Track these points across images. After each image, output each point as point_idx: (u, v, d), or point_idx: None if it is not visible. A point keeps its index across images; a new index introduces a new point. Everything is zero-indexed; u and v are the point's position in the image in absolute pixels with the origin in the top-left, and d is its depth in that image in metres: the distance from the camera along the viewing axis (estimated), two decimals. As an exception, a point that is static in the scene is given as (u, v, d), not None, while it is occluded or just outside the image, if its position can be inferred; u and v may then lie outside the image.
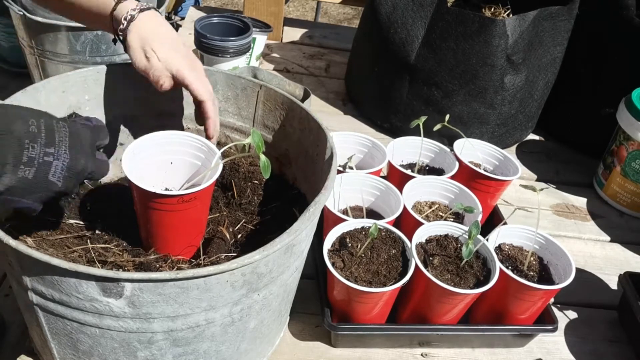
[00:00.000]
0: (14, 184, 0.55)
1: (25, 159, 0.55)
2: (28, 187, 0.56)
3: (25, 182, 0.55)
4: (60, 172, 0.57)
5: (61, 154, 0.57)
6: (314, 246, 0.87)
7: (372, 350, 0.84)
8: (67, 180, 0.58)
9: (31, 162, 0.55)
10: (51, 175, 0.57)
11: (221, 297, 0.58)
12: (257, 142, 0.64)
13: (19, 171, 0.54)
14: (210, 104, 0.74)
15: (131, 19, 0.71)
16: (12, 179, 0.54)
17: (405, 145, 1.04)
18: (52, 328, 0.61)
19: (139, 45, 0.71)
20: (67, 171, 0.58)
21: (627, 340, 0.92)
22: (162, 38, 0.72)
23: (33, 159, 0.55)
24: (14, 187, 0.55)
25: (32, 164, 0.55)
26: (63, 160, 0.57)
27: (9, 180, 0.54)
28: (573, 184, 1.26)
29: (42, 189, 0.57)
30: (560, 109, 1.35)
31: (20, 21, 1.23)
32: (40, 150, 0.56)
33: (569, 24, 1.21)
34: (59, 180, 0.57)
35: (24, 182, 0.55)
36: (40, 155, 0.56)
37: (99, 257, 0.67)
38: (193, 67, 0.73)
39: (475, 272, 0.80)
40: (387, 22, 1.22)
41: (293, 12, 3.89)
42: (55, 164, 0.57)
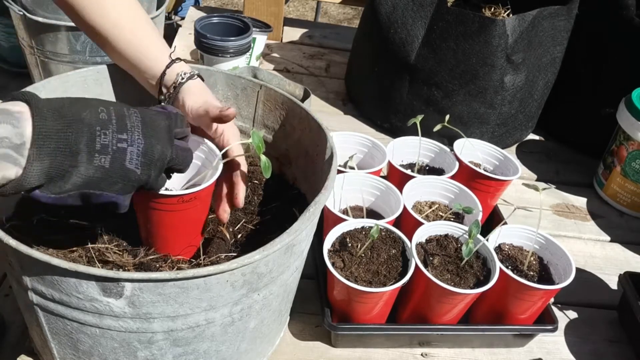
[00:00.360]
0: (91, 175, 0.52)
1: (99, 146, 0.52)
2: (106, 178, 0.53)
3: (103, 171, 0.52)
4: (137, 159, 0.54)
5: (135, 140, 0.54)
6: (314, 246, 0.87)
7: (372, 350, 0.84)
8: (145, 167, 0.55)
9: (105, 150, 0.52)
10: (128, 162, 0.54)
11: (221, 297, 0.58)
12: (257, 143, 0.64)
13: (94, 160, 0.52)
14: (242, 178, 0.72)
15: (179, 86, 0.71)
16: (88, 168, 0.52)
17: (405, 145, 1.04)
18: (52, 328, 0.61)
19: None
20: (144, 157, 0.55)
21: (627, 340, 0.92)
22: None
23: (106, 146, 0.52)
24: (92, 178, 0.52)
25: (107, 151, 0.52)
26: (138, 145, 0.54)
27: (85, 170, 0.51)
28: (573, 184, 1.26)
29: (121, 177, 0.54)
30: (560, 109, 1.35)
31: (20, 21, 1.23)
32: (113, 137, 0.53)
33: (569, 23, 1.21)
34: (137, 167, 0.54)
35: (101, 172, 0.52)
36: (113, 142, 0.53)
37: (99, 257, 0.67)
38: None
39: (475, 272, 0.80)
40: (387, 22, 1.22)
41: (293, 12, 3.89)
42: (130, 150, 0.54)
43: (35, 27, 1.20)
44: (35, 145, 0.49)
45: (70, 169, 0.51)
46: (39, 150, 0.49)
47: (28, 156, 0.49)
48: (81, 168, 0.51)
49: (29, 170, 0.49)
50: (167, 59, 0.72)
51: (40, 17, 1.26)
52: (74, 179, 0.51)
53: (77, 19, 0.73)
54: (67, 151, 0.50)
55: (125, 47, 0.72)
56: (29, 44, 1.25)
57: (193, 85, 0.71)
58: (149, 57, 0.72)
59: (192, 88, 0.71)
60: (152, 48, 0.72)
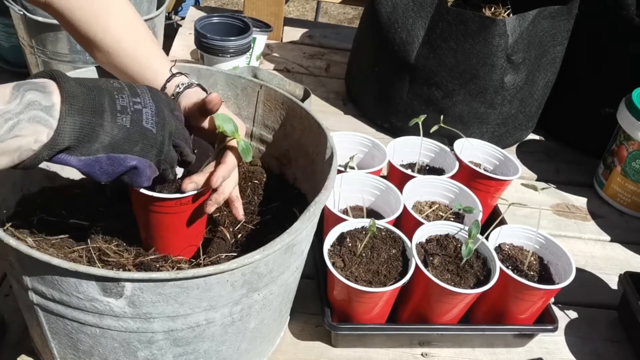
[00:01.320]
0: (116, 134, 0.54)
1: (119, 107, 0.55)
2: (128, 137, 0.55)
3: (125, 130, 0.55)
4: (152, 119, 0.58)
5: (147, 102, 0.58)
6: (314, 246, 0.87)
7: (373, 350, 0.84)
8: (160, 126, 0.58)
9: (125, 110, 0.56)
10: (145, 122, 0.57)
11: (221, 297, 0.58)
12: (231, 129, 0.64)
13: (117, 119, 0.55)
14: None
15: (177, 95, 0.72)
16: (113, 127, 0.54)
17: (406, 145, 1.04)
18: (52, 328, 0.61)
19: None
20: (157, 117, 0.58)
21: (627, 340, 0.92)
22: None
23: (125, 107, 0.56)
24: (116, 137, 0.55)
25: (126, 111, 0.56)
26: (150, 107, 0.58)
27: (110, 129, 0.54)
28: (573, 183, 1.26)
29: (141, 137, 0.56)
30: (561, 109, 1.35)
31: (21, 21, 1.23)
32: (129, 100, 0.57)
33: (569, 23, 1.21)
34: (153, 127, 0.57)
35: (124, 131, 0.55)
36: (130, 104, 0.56)
37: (99, 257, 0.67)
38: None
39: (475, 271, 0.80)
40: (387, 22, 1.22)
41: (293, 12, 3.89)
42: (145, 112, 0.57)
43: (35, 26, 1.20)
44: (65, 103, 0.51)
45: (98, 128, 0.53)
46: (70, 107, 0.52)
47: (60, 112, 0.51)
48: (107, 126, 0.54)
49: (62, 127, 0.51)
50: (167, 72, 0.73)
51: (40, 17, 1.26)
52: (101, 137, 0.54)
53: (76, 33, 0.74)
54: (94, 110, 0.53)
55: (127, 62, 0.73)
56: (29, 44, 1.25)
57: (191, 91, 0.72)
58: (151, 70, 0.73)
59: (189, 93, 0.71)
60: (153, 62, 0.74)
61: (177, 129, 0.62)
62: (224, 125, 0.64)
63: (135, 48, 0.73)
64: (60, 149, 0.52)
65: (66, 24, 0.74)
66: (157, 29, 1.76)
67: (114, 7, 0.72)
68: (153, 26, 1.67)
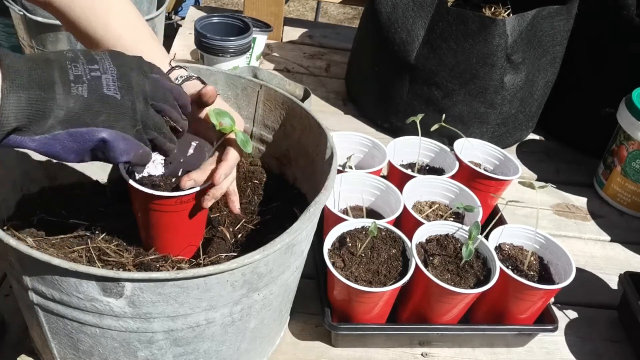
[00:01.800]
0: (72, 106, 0.50)
1: (72, 77, 0.51)
2: (88, 108, 0.51)
3: (82, 101, 0.51)
4: (114, 84, 0.53)
5: (107, 68, 0.53)
6: (314, 246, 0.87)
7: (373, 350, 0.84)
8: (125, 91, 0.53)
9: (79, 79, 0.51)
10: (105, 89, 0.52)
11: (221, 297, 0.58)
12: (229, 122, 0.63)
13: (72, 90, 0.50)
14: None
15: None
16: (67, 99, 0.50)
17: (406, 145, 1.04)
18: (52, 328, 0.61)
19: None
20: (120, 81, 0.53)
21: (627, 340, 0.92)
22: None
23: (80, 76, 0.51)
24: (73, 109, 0.50)
25: (81, 80, 0.51)
26: (111, 72, 0.53)
27: (64, 101, 0.50)
28: (573, 183, 1.26)
29: (104, 106, 0.52)
30: (561, 109, 1.35)
31: (21, 21, 1.23)
32: (85, 69, 0.52)
33: (569, 23, 1.21)
34: (116, 92, 0.53)
35: (81, 102, 0.51)
36: (86, 72, 0.52)
37: (99, 257, 0.67)
38: None
39: (475, 271, 0.80)
40: (387, 22, 1.22)
41: (293, 12, 3.89)
42: (105, 77, 0.53)
43: (35, 27, 1.20)
44: (7, 79, 0.47)
45: (50, 102, 0.49)
46: (11, 84, 0.47)
47: (1, 91, 0.47)
48: (59, 99, 0.50)
49: (5, 106, 0.47)
50: (167, 66, 0.72)
51: (40, 17, 1.26)
52: (55, 112, 0.50)
53: (77, 31, 0.73)
54: (42, 83, 0.49)
55: None
56: (29, 44, 1.25)
57: (189, 84, 0.71)
58: None
59: (188, 86, 0.71)
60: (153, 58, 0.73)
61: (155, 90, 0.57)
62: (222, 120, 0.64)
63: (135, 45, 0.72)
64: (8, 131, 0.48)
65: (66, 23, 0.74)
66: (157, 29, 1.76)
67: (114, 6, 0.72)
68: (153, 26, 1.67)
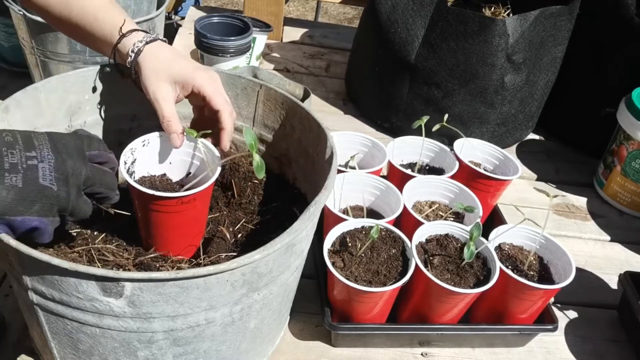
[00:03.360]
0: (4, 196, 0.50)
1: (7, 165, 0.50)
2: (22, 198, 0.51)
3: (16, 191, 0.50)
4: (50, 174, 0.52)
5: (45, 156, 0.53)
6: (314, 246, 0.87)
7: (373, 349, 0.84)
8: (61, 182, 0.53)
9: (15, 168, 0.51)
10: (42, 179, 0.52)
11: (221, 297, 0.58)
12: (250, 141, 0.63)
13: (5, 180, 0.50)
14: (227, 115, 0.72)
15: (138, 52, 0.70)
16: (0, 190, 0.49)
17: (406, 144, 1.04)
18: (52, 328, 0.61)
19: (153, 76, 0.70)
20: (57, 172, 0.53)
21: (627, 340, 0.92)
22: None
23: (15, 164, 0.51)
24: (5, 200, 0.50)
25: (17, 169, 0.51)
26: (49, 161, 0.53)
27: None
28: (573, 183, 1.26)
29: (38, 196, 0.52)
30: (561, 109, 1.35)
31: (21, 21, 1.23)
32: (22, 156, 0.51)
33: (570, 23, 1.21)
34: (52, 183, 0.52)
35: (15, 192, 0.50)
36: (22, 160, 0.51)
37: (99, 257, 0.67)
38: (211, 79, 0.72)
39: (475, 271, 0.80)
40: (387, 21, 1.22)
41: (293, 12, 3.89)
42: (42, 167, 0.52)
43: (35, 27, 1.20)
44: None
45: None
46: None
47: None
48: None
49: None
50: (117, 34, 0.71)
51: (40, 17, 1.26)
52: None
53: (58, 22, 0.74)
54: None
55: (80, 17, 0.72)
56: (29, 44, 1.25)
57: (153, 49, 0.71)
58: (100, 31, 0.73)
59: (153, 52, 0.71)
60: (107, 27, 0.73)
61: (93, 175, 0.57)
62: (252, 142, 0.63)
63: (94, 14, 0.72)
64: None
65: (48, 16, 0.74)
66: (157, 29, 1.77)
67: None
68: (153, 26, 1.67)
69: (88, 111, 0.80)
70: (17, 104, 0.70)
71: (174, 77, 0.70)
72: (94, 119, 0.81)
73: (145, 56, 0.70)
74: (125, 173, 0.66)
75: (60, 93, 0.76)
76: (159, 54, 0.71)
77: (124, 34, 0.71)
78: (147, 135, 0.72)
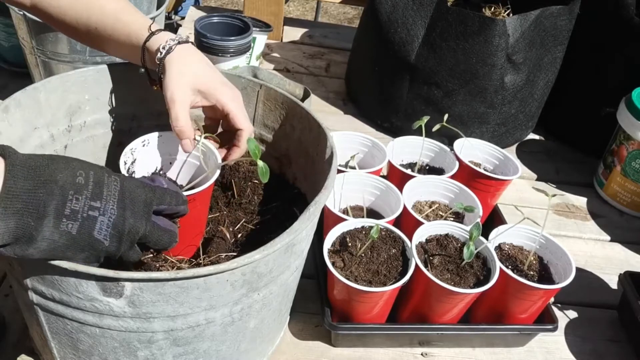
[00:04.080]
0: (56, 240, 0.50)
1: (68, 211, 0.50)
2: (72, 245, 0.51)
3: (68, 237, 0.50)
4: (106, 230, 0.52)
5: (108, 210, 0.52)
6: (314, 246, 0.87)
7: (373, 349, 0.84)
8: (114, 239, 0.53)
9: (74, 216, 0.50)
10: (96, 232, 0.51)
11: (221, 297, 0.58)
12: (253, 150, 0.64)
13: (61, 225, 0.50)
14: (247, 134, 0.72)
15: (169, 50, 0.69)
16: (53, 233, 0.49)
17: (405, 144, 1.04)
18: (52, 328, 0.61)
19: None
20: (114, 229, 0.52)
21: (627, 340, 0.92)
22: None
23: (77, 212, 0.50)
24: (56, 243, 0.50)
25: (76, 217, 0.50)
26: (110, 216, 0.52)
27: (49, 234, 0.49)
28: (573, 183, 1.26)
29: (88, 246, 0.52)
30: (561, 109, 1.35)
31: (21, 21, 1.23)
32: (85, 204, 0.51)
33: (570, 23, 1.21)
34: (105, 239, 0.52)
35: (66, 238, 0.50)
36: (84, 209, 0.51)
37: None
38: (235, 97, 0.73)
39: (475, 271, 0.80)
40: (387, 21, 1.22)
41: (293, 12, 3.89)
42: (100, 220, 0.52)
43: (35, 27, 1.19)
44: (1, 204, 0.47)
45: (35, 233, 0.49)
46: (4, 210, 0.47)
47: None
48: (46, 232, 0.49)
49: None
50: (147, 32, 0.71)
51: (40, 17, 1.26)
52: (38, 243, 0.49)
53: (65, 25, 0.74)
54: (35, 213, 0.48)
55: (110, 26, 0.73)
56: (29, 44, 1.25)
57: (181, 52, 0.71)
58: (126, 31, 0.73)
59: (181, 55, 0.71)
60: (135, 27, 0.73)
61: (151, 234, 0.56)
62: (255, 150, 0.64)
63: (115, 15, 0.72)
64: None
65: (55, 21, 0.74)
66: (157, 29, 1.77)
67: None
68: (153, 26, 1.67)
69: (88, 111, 0.80)
70: (17, 103, 0.70)
71: (199, 85, 0.70)
72: (94, 119, 0.82)
73: (175, 56, 0.70)
74: (125, 173, 0.66)
75: (60, 93, 0.76)
76: (189, 57, 0.71)
77: (153, 32, 0.71)
78: (147, 135, 0.72)
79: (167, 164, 0.74)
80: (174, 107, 0.68)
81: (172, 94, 0.68)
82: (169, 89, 0.69)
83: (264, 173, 0.64)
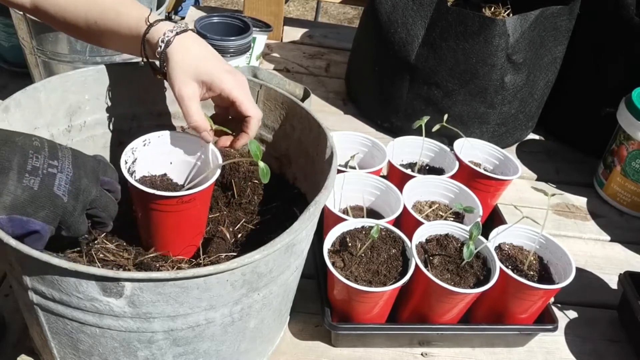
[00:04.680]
0: (19, 195, 0.52)
1: (30, 167, 0.53)
2: (33, 200, 0.53)
3: (31, 193, 0.53)
4: (65, 186, 0.55)
5: (65, 168, 0.56)
6: (314, 246, 0.87)
7: (373, 349, 0.84)
8: (72, 195, 0.56)
9: (35, 172, 0.53)
10: (56, 188, 0.54)
11: (221, 297, 0.58)
12: (254, 151, 0.64)
13: (24, 179, 0.52)
14: (255, 122, 0.72)
15: (168, 43, 0.68)
16: (17, 187, 0.52)
17: (405, 144, 1.04)
18: (52, 328, 0.61)
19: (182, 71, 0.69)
20: (72, 185, 0.55)
21: (627, 340, 0.92)
22: None
23: (37, 168, 0.53)
24: (19, 198, 0.52)
25: (37, 173, 0.53)
26: (67, 174, 0.55)
27: (13, 189, 0.52)
28: (573, 183, 1.26)
29: (48, 203, 0.54)
30: (561, 109, 1.35)
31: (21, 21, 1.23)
32: (44, 162, 0.54)
33: (570, 23, 1.21)
34: (64, 195, 0.55)
35: (29, 193, 0.53)
36: (44, 166, 0.54)
37: (99, 257, 0.67)
38: (239, 83, 0.72)
39: (475, 271, 0.80)
40: (387, 21, 1.22)
41: (293, 12, 3.89)
42: (59, 177, 0.55)
43: (35, 27, 1.19)
44: None
45: (1, 187, 0.51)
46: None
47: None
48: (10, 186, 0.52)
49: None
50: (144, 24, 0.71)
51: (40, 17, 1.26)
52: (3, 197, 0.51)
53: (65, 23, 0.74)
54: None
55: None
56: (29, 44, 1.25)
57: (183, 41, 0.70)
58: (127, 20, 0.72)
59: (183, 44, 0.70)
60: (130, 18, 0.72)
61: (101, 198, 0.59)
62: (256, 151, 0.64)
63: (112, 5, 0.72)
64: None
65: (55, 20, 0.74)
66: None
67: None
68: (153, 26, 1.68)
69: (88, 111, 0.80)
70: (17, 103, 0.70)
71: (202, 76, 0.69)
72: (94, 119, 0.82)
73: (175, 49, 0.69)
74: (125, 172, 0.66)
75: (60, 93, 0.76)
76: (189, 48, 0.69)
77: (152, 24, 0.69)
78: (148, 135, 0.72)
79: (168, 163, 0.74)
80: (184, 103, 0.68)
81: (180, 90, 0.68)
82: (175, 85, 0.68)
83: (265, 174, 0.64)
